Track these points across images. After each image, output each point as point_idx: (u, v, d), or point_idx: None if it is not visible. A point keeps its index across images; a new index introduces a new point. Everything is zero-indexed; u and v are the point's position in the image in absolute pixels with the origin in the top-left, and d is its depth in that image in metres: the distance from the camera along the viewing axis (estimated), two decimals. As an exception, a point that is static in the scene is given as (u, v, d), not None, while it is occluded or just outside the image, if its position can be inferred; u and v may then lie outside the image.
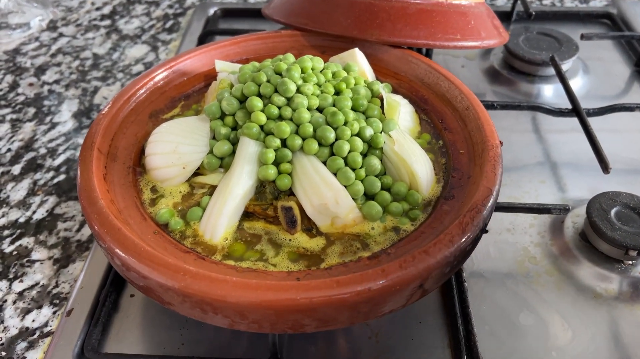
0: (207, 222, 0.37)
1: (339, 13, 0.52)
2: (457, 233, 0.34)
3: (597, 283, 0.45)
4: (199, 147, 0.40)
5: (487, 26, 0.54)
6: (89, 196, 0.36)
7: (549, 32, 0.69)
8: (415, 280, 0.32)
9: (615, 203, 0.47)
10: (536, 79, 0.66)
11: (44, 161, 0.59)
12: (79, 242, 0.50)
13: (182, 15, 0.83)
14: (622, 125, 0.61)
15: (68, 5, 0.86)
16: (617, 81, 0.68)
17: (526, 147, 0.59)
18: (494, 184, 0.37)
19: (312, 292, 0.31)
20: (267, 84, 0.39)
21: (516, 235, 0.50)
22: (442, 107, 0.46)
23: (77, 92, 0.68)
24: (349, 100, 0.40)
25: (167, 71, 0.49)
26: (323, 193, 0.36)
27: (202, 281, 0.31)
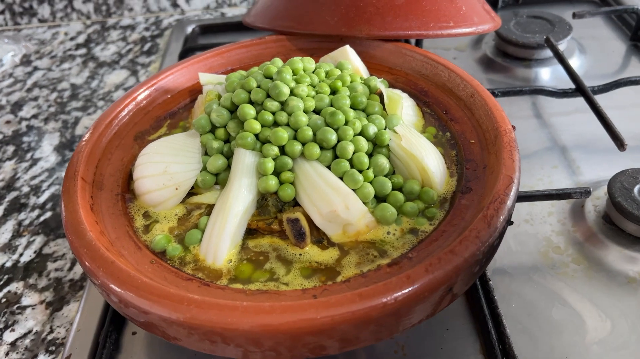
0: (207, 245, 0.34)
1: (325, 12, 0.49)
2: (482, 227, 0.31)
3: (630, 267, 0.42)
4: (191, 164, 0.37)
5: (479, 11, 0.52)
6: (76, 229, 0.33)
7: (539, 15, 0.67)
8: (444, 284, 0.29)
9: (637, 181, 0.45)
10: (532, 63, 0.64)
11: (28, 199, 0.55)
12: (72, 281, 0.46)
13: (159, 37, 0.80)
14: (627, 100, 0.58)
15: (40, 38, 0.83)
16: (614, 57, 0.66)
17: (532, 133, 0.56)
18: (514, 171, 0.34)
19: (333, 309, 0.28)
20: (258, 90, 0.37)
21: (535, 225, 0.47)
22: (445, 97, 0.44)
23: (57, 125, 0.65)
24: (347, 99, 0.37)
25: (149, 90, 0.46)
26: (331, 199, 0.33)
27: (209, 310, 0.28)
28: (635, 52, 0.66)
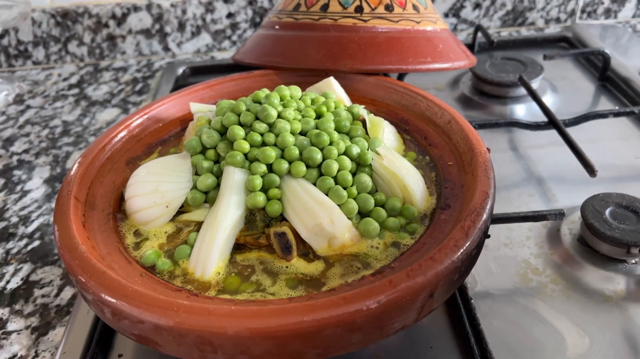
0: (197, 258, 0.35)
1: (310, 48, 0.52)
2: (460, 237, 0.32)
3: (605, 286, 0.44)
4: (182, 183, 0.38)
5: (455, 49, 0.56)
6: (68, 243, 0.34)
7: (512, 57, 0.71)
8: (425, 289, 0.30)
9: (608, 204, 0.47)
10: (507, 100, 0.67)
11: (17, 229, 0.56)
12: (58, 307, 0.47)
13: (151, 78, 0.83)
14: (597, 134, 0.62)
15: (34, 79, 0.85)
16: (585, 96, 0.69)
17: (509, 164, 0.59)
18: (490, 187, 0.36)
19: (319, 313, 0.29)
20: (247, 113, 0.39)
21: (514, 248, 0.48)
22: (424, 125, 0.46)
23: (48, 159, 0.66)
24: (332, 122, 0.40)
25: (142, 118, 0.48)
26: (316, 213, 0.35)
27: (197, 315, 0.29)
28: (603, 91, 0.70)
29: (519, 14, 0.89)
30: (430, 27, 0.54)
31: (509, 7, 0.88)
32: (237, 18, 0.88)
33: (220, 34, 0.89)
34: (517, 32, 0.90)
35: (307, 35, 0.53)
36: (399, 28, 0.52)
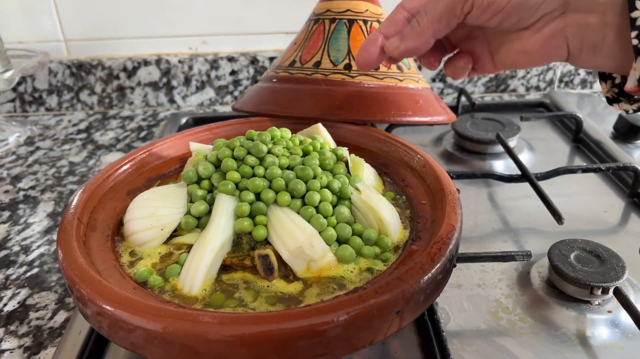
0: (185, 275, 0.38)
1: (302, 99, 0.57)
2: (426, 261, 0.36)
3: (570, 325, 0.46)
4: (177, 209, 0.42)
5: (435, 106, 0.61)
6: (69, 257, 0.37)
7: (492, 117, 0.77)
8: (392, 305, 0.33)
9: (573, 249, 0.50)
10: (486, 156, 0.72)
11: (17, 257, 0.59)
12: (51, 329, 0.49)
13: (155, 126, 0.89)
14: (569, 189, 0.66)
15: (46, 124, 0.91)
16: (559, 155, 0.74)
17: (487, 214, 0.62)
18: (456, 221, 0.40)
19: (294, 322, 0.32)
20: (240, 148, 0.43)
21: (487, 289, 0.51)
22: (402, 168, 0.50)
23: (53, 195, 0.70)
24: (317, 159, 0.44)
25: (144, 154, 0.52)
26: (297, 237, 0.38)
27: (183, 320, 0.32)
28: (577, 151, 0.75)
29: (501, 81, 0.96)
30: (412, 85, 0.60)
31: (491, 75, 0.95)
32: (240, 75, 0.94)
33: (223, 89, 0.95)
34: (500, 97, 0.96)
35: (300, 87, 0.59)
36: (384, 84, 0.58)
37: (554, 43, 0.39)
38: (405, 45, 0.43)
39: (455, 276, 0.52)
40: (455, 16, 0.40)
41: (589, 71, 0.97)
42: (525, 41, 0.40)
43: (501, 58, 0.44)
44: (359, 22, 0.61)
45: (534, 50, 0.40)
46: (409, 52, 0.43)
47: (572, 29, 0.38)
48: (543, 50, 0.40)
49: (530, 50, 0.41)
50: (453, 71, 0.47)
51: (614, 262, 0.48)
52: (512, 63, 0.43)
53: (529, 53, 0.41)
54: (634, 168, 0.62)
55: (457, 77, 0.47)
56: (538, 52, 0.40)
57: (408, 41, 0.42)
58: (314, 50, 0.60)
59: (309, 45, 0.61)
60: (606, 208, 0.62)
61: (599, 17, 0.37)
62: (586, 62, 0.40)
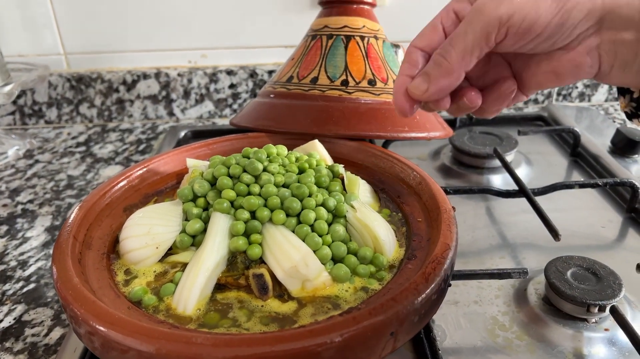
0: (180, 295, 0.38)
1: (299, 115, 0.58)
2: (421, 282, 0.36)
3: (567, 343, 0.46)
4: (172, 227, 0.42)
5: (432, 121, 0.61)
6: (64, 276, 0.37)
7: (490, 132, 0.77)
8: (386, 326, 0.33)
9: (569, 266, 0.50)
10: (484, 171, 0.72)
11: (14, 272, 0.58)
12: (46, 346, 0.49)
13: (154, 139, 0.89)
14: (567, 205, 0.66)
15: (45, 136, 0.91)
16: (557, 169, 0.74)
17: (484, 229, 0.62)
18: (452, 240, 0.40)
19: (288, 343, 0.32)
20: (236, 166, 0.43)
21: (484, 306, 0.51)
22: (398, 185, 0.50)
23: (51, 209, 0.70)
24: (312, 177, 0.44)
25: (141, 170, 0.52)
26: (292, 256, 0.38)
27: (176, 342, 0.32)
28: (575, 166, 0.75)
29: (500, 94, 0.96)
30: (409, 101, 0.60)
31: (490, 88, 0.95)
32: (239, 89, 0.95)
33: (222, 102, 0.96)
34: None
35: (297, 103, 0.59)
36: (380, 100, 0.58)
37: (587, 61, 0.37)
38: (436, 86, 0.37)
39: (452, 293, 0.52)
40: (487, 46, 0.36)
41: (587, 84, 0.97)
42: (556, 61, 0.38)
43: (526, 82, 0.40)
44: (356, 38, 0.61)
45: (565, 70, 0.38)
46: (440, 92, 0.38)
47: (606, 46, 0.36)
48: (576, 69, 0.37)
49: (561, 70, 0.38)
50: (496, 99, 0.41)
51: (611, 280, 0.48)
52: (537, 85, 0.40)
53: (560, 73, 0.38)
54: (631, 183, 0.62)
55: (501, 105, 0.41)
56: (570, 72, 0.38)
57: (438, 81, 0.37)
58: (312, 66, 0.61)
59: (306, 61, 0.62)
60: (604, 224, 0.62)
61: (634, 34, 0.35)
62: (614, 79, 0.38)
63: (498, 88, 0.41)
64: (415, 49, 0.39)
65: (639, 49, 0.36)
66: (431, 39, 0.39)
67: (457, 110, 0.41)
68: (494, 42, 0.36)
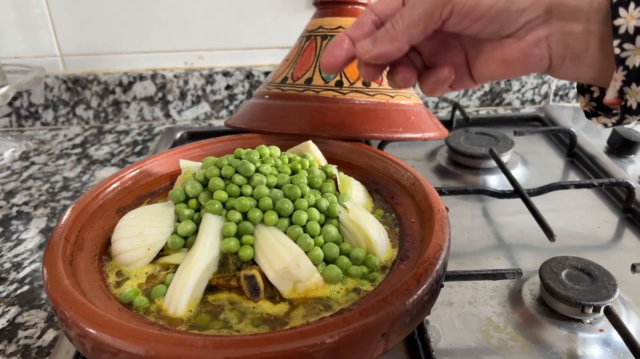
0: (171, 296, 0.38)
1: (294, 116, 0.57)
2: (412, 283, 0.36)
3: (562, 344, 0.46)
4: (164, 228, 0.42)
5: (427, 122, 0.61)
6: (54, 278, 0.37)
7: (486, 132, 0.77)
8: (377, 327, 0.33)
9: (564, 266, 0.50)
10: (480, 171, 0.72)
11: (8, 274, 0.58)
12: (39, 348, 0.48)
13: (150, 141, 0.89)
14: (563, 205, 0.66)
15: (41, 138, 0.91)
16: (554, 170, 0.74)
17: (479, 230, 0.62)
18: (444, 241, 0.40)
19: (278, 345, 0.31)
20: (228, 167, 0.43)
21: (478, 307, 0.51)
22: (392, 185, 0.50)
23: (46, 211, 0.70)
24: (305, 178, 0.44)
25: (134, 172, 0.52)
26: (283, 257, 0.38)
27: (166, 343, 0.31)
28: (572, 166, 0.75)
29: (496, 95, 0.96)
30: (404, 101, 0.60)
31: (486, 88, 0.95)
32: (235, 90, 0.94)
33: (219, 103, 0.96)
34: (495, 111, 0.96)
35: (291, 104, 0.59)
36: (375, 101, 0.58)
37: (537, 52, 0.37)
38: (378, 50, 0.39)
39: (446, 294, 0.52)
40: (433, 22, 0.38)
41: (584, 84, 0.97)
42: (507, 50, 0.38)
43: (479, 69, 0.42)
44: (351, 39, 0.61)
45: (515, 59, 0.38)
46: (381, 57, 0.40)
47: (555, 37, 0.36)
48: (525, 59, 0.38)
49: (510, 60, 0.38)
50: (434, 84, 0.43)
51: (606, 280, 0.48)
52: (491, 74, 0.41)
53: (510, 62, 0.39)
54: (627, 183, 0.61)
55: (437, 90, 0.43)
56: (519, 62, 0.38)
57: (381, 45, 0.39)
58: (306, 66, 0.61)
59: (300, 61, 0.62)
60: (600, 224, 0.62)
61: (583, 25, 0.35)
62: (567, 73, 0.38)
63: (435, 73, 0.43)
64: (370, 12, 0.41)
65: (590, 41, 0.36)
66: (389, 6, 0.40)
67: (393, 84, 0.44)
68: (440, 18, 0.37)
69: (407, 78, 0.42)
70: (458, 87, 0.44)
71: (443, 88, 0.43)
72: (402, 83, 0.43)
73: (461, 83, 0.43)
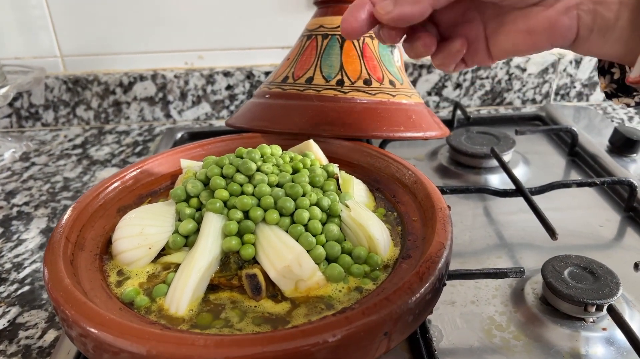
0: (172, 295, 0.38)
1: (294, 115, 0.57)
2: (415, 281, 0.35)
3: (564, 343, 0.46)
4: (165, 227, 0.42)
5: (428, 120, 0.61)
6: (55, 277, 0.37)
7: (487, 131, 0.76)
8: (380, 326, 0.33)
9: (567, 265, 0.50)
10: (481, 171, 0.72)
11: (9, 275, 0.58)
12: (40, 348, 0.48)
13: (151, 141, 0.89)
14: (565, 204, 0.65)
15: (42, 139, 0.91)
16: (555, 169, 0.74)
17: (481, 229, 0.62)
18: (446, 239, 0.39)
19: (280, 344, 0.31)
20: (229, 165, 0.43)
21: (480, 306, 0.51)
22: (393, 184, 0.50)
23: (47, 211, 0.70)
24: (306, 177, 0.44)
25: (135, 171, 0.52)
26: (285, 256, 0.38)
27: (167, 343, 0.31)
28: (573, 165, 0.75)
29: (497, 94, 0.96)
30: (405, 100, 0.60)
31: (487, 88, 0.95)
32: (236, 90, 0.94)
33: (219, 103, 0.95)
34: (496, 110, 0.96)
35: (292, 103, 0.58)
36: (376, 100, 0.57)
37: (565, 21, 0.35)
38: (400, 11, 0.37)
39: (448, 293, 0.51)
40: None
41: (585, 83, 0.96)
42: (533, 19, 0.36)
43: (499, 42, 0.40)
44: (352, 38, 0.61)
45: (541, 29, 0.36)
46: (402, 19, 0.38)
47: (586, 6, 0.35)
48: (552, 29, 0.36)
49: (537, 29, 0.36)
50: (445, 57, 0.42)
51: (608, 279, 0.48)
52: (513, 47, 0.39)
53: (535, 33, 0.37)
54: (629, 182, 0.61)
55: (448, 63, 0.42)
56: (545, 32, 0.36)
57: (403, 6, 0.37)
58: (307, 66, 0.60)
59: (301, 60, 0.61)
60: (602, 223, 0.62)
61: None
62: (592, 47, 0.36)
63: (448, 46, 0.41)
64: None
65: (621, 12, 0.34)
66: None
67: (410, 50, 0.42)
68: None
69: (428, 44, 0.41)
70: (473, 63, 0.42)
71: (454, 61, 0.42)
72: (422, 49, 0.41)
73: (477, 59, 0.42)
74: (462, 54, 0.41)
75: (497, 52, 0.41)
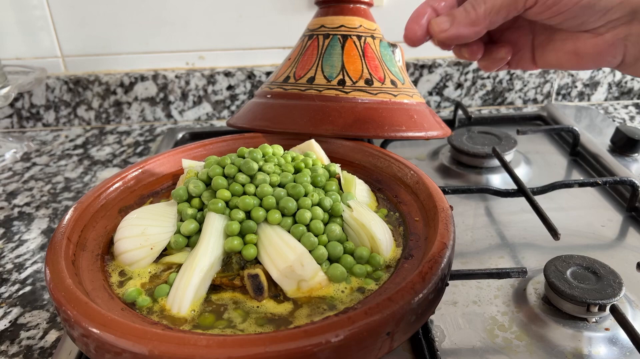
0: (174, 296, 0.38)
1: (296, 114, 0.57)
2: (417, 281, 0.35)
3: (567, 343, 0.46)
4: (167, 227, 0.42)
5: (430, 120, 0.61)
6: (57, 277, 0.37)
7: (488, 131, 0.76)
8: (382, 326, 0.33)
9: (569, 265, 0.50)
10: (483, 171, 0.72)
11: (10, 275, 0.58)
12: (42, 349, 0.48)
13: (152, 142, 0.89)
14: (567, 204, 0.65)
15: (43, 139, 0.91)
16: (557, 169, 0.74)
17: (483, 229, 0.62)
18: (448, 239, 0.39)
19: (282, 344, 0.31)
20: (231, 165, 0.43)
21: (483, 306, 0.51)
22: (395, 184, 0.50)
23: (48, 212, 0.70)
24: (308, 176, 0.44)
25: (137, 171, 0.52)
26: (287, 256, 0.38)
27: (169, 343, 0.31)
28: (575, 165, 0.75)
29: (498, 94, 0.96)
30: (406, 100, 0.59)
31: (488, 88, 0.95)
32: (237, 90, 0.94)
33: (220, 104, 0.95)
34: (497, 110, 0.96)
35: (294, 103, 0.58)
36: (377, 100, 0.57)
37: (612, 50, 0.37)
38: (456, 31, 0.38)
39: (450, 293, 0.51)
40: (515, 9, 0.37)
41: (587, 83, 0.96)
42: (582, 43, 0.38)
43: (545, 55, 0.41)
44: (353, 38, 0.61)
45: (588, 54, 0.38)
46: (457, 39, 0.39)
47: (634, 38, 0.36)
48: (598, 55, 0.38)
49: (584, 53, 0.38)
50: (489, 62, 0.43)
51: (611, 279, 0.48)
52: (557, 63, 0.40)
53: (582, 56, 0.39)
54: (631, 182, 0.61)
55: (492, 68, 0.43)
56: (591, 56, 0.38)
57: (460, 27, 0.38)
58: (308, 65, 0.60)
59: (303, 60, 0.61)
60: (604, 223, 0.62)
61: None
62: (638, 71, 0.38)
63: (494, 52, 0.43)
64: None
65: None
66: None
67: (458, 53, 0.44)
68: (523, 7, 0.37)
69: (474, 52, 0.42)
70: (517, 67, 0.44)
71: (497, 66, 0.43)
72: (468, 55, 0.43)
73: (521, 64, 0.43)
74: (506, 60, 0.43)
75: (542, 63, 0.42)
